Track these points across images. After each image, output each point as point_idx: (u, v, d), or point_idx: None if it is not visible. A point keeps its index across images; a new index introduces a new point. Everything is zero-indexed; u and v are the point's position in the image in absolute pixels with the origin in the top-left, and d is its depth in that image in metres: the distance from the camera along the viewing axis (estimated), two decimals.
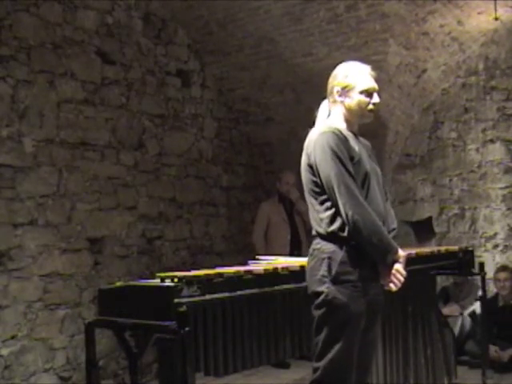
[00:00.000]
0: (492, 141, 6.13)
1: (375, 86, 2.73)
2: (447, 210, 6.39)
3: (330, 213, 2.57)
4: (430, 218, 6.49)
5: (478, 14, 5.34)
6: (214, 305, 2.69)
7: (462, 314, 5.61)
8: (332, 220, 2.56)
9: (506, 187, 6.04)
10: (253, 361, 2.89)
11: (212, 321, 2.67)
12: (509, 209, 6.03)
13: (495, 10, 5.06)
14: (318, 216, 2.61)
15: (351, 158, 2.57)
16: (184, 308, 2.43)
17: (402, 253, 2.60)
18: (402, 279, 2.57)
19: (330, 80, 2.77)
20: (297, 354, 3.20)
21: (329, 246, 2.56)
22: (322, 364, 2.55)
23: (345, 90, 2.69)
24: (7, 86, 4.35)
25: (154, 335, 2.57)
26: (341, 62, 2.82)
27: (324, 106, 2.81)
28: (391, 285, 2.58)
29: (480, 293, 4.59)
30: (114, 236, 5.06)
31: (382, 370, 3.74)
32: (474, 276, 4.98)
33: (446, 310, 5.40)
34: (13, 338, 4.29)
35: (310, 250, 2.66)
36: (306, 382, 2.66)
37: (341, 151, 2.54)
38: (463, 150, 6.29)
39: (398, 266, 2.57)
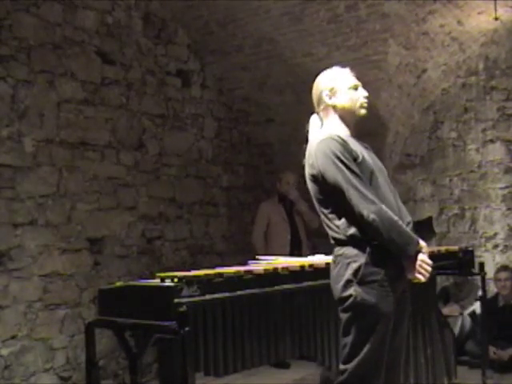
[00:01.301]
0: (492, 141, 6.13)
1: (358, 82, 2.77)
2: (447, 209, 6.39)
3: (344, 218, 2.56)
4: (430, 218, 6.48)
5: (478, 14, 5.34)
6: (214, 305, 2.68)
7: (462, 314, 5.61)
8: (349, 224, 2.55)
9: (506, 187, 6.04)
10: (253, 361, 2.89)
11: (212, 321, 2.67)
12: (509, 209, 6.03)
13: (495, 10, 5.06)
14: (334, 223, 2.60)
15: (354, 159, 2.56)
16: (184, 308, 2.43)
17: (423, 243, 2.56)
18: (429, 269, 2.53)
19: (315, 90, 2.79)
20: (297, 354, 3.20)
21: (351, 250, 2.55)
22: (349, 366, 2.53)
23: (333, 91, 2.72)
24: (7, 86, 4.35)
25: (154, 335, 2.57)
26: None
27: (314, 120, 2.81)
28: (419, 276, 2.53)
29: (480, 293, 4.59)
30: (114, 236, 5.06)
31: None
32: (474, 276, 4.97)
33: (445, 310, 5.40)
34: (13, 338, 4.29)
35: (333, 257, 2.64)
36: (306, 382, 2.66)
37: (343, 154, 2.53)
38: (463, 150, 6.30)
39: (423, 257, 2.52)
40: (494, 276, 5.57)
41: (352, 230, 2.54)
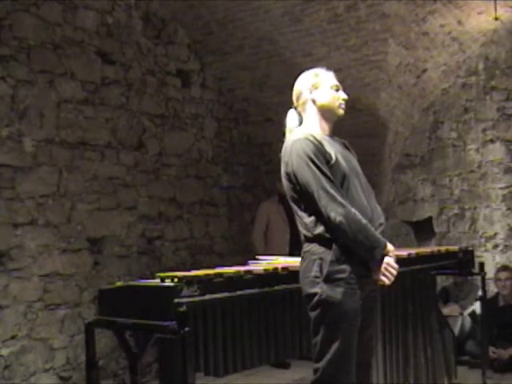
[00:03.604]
0: (492, 141, 6.13)
1: (340, 86, 2.80)
2: (447, 209, 6.39)
3: (312, 217, 2.59)
4: (430, 218, 6.49)
5: (478, 14, 5.34)
6: (214, 305, 2.68)
7: (462, 314, 5.61)
8: (316, 224, 2.58)
9: (506, 187, 6.04)
10: (253, 361, 2.89)
11: (212, 321, 2.67)
12: (509, 209, 6.03)
13: (495, 10, 5.07)
14: (303, 221, 2.64)
15: (327, 162, 2.59)
16: (184, 308, 2.43)
17: (391, 247, 2.60)
18: (394, 272, 2.57)
19: (296, 85, 2.83)
20: (297, 353, 3.20)
21: (318, 248, 2.58)
22: (321, 364, 2.55)
23: (315, 86, 2.76)
24: (7, 86, 4.35)
25: (154, 335, 2.57)
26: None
27: (291, 115, 2.84)
28: (383, 278, 2.57)
29: (480, 293, 4.59)
30: (114, 236, 5.07)
31: (382, 369, 3.74)
32: (474, 276, 4.97)
33: (445, 310, 5.40)
34: (13, 338, 4.30)
35: (302, 254, 2.68)
36: (306, 382, 2.67)
37: (316, 156, 2.56)
38: (463, 149, 6.29)
39: (389, 260, 2.57)
40: (494, 276, 5.58)
41: (319, 230, 2.57)
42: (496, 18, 5.16)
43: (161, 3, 5.57)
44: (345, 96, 2.78)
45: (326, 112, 2.75)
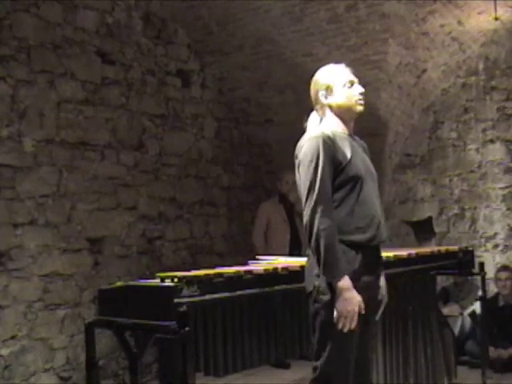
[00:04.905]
0: (492, 141, 6.13)
1: (354, 78, 2.75)
2: (447, 210, 6.39)
3: None
4: (430, 218, 6.49)
5: (478, 14, 5.34)
6: (214, 305, 2.69)
7: (462, 314, 5.61)
8: None
9: (506, 187, 6.04)
10: (253, 361, 2.89)
11: (212, 321, 2.67)
12: (509, 209, 6.03)
13: (495, 10, 5.07)
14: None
15: (339, 163, 2.56)
16: (184, 308, 2.43)
17: (345, 284, 2.43)
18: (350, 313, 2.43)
19: (312, 89, 2.77)
20: (297, 353, 3.20)
21: None
22: (319, 363, 2.56)
23: (329, 90, 2.71)
24: (7, 86, 4.35)
25: (154, 335, 2.57)
26: (340, 62, 2.83)
27: (313, 116, 2.81)
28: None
29: (480, 293, 4.59)
30: (114, 236, 5.06)
31: (382, 369, 3.74)
32: (474, 276, 4.97)
33: (446, 310, 5.40)
34: (13, 338, 4.29)
35: (307, 252, 2.67)
36: (306, 382, 2.67)
37: (323, 157, 2.52)
38: (463, 149, 6.30)
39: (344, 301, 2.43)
40: (494, 276, 5.58)
41: None
42: (496, 18, 5.16)
43: (161, 3, 5.57)
44: (361, 89, 2.72)
45: (344, 113, 2.71)
